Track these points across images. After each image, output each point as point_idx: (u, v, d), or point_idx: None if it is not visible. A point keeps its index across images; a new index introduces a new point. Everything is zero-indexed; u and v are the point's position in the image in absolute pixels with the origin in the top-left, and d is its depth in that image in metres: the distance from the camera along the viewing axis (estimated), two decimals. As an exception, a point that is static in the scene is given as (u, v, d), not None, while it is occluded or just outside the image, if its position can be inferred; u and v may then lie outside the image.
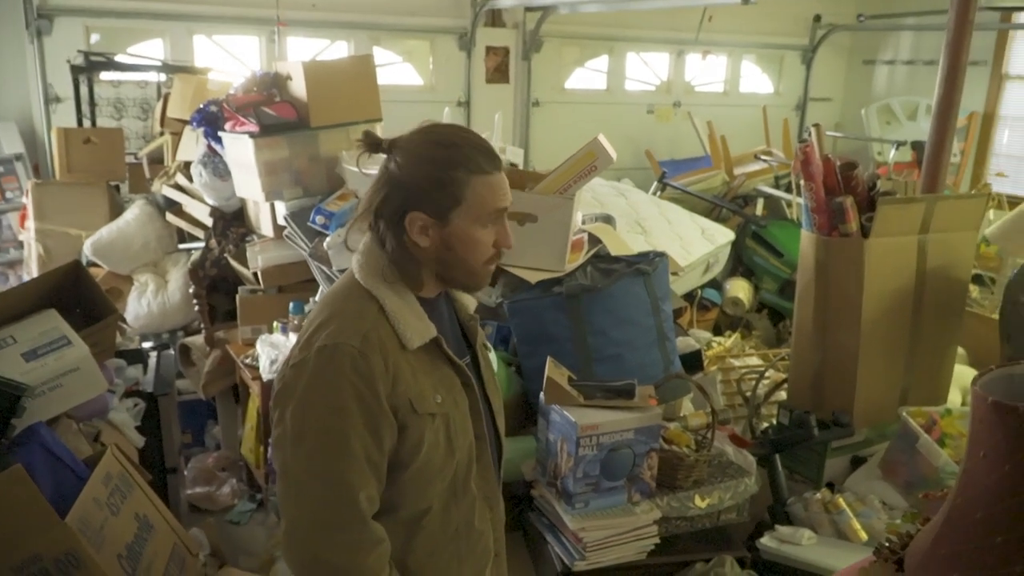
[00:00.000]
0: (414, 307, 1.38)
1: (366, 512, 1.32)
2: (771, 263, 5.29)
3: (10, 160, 4.98)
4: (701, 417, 2.68)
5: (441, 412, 1.40)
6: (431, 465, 1.39)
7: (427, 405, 1.37)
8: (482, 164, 1.37)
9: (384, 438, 1.33)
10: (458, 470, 1.45)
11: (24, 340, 1.93)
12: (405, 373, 1.34)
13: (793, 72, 8.14)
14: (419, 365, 1.37)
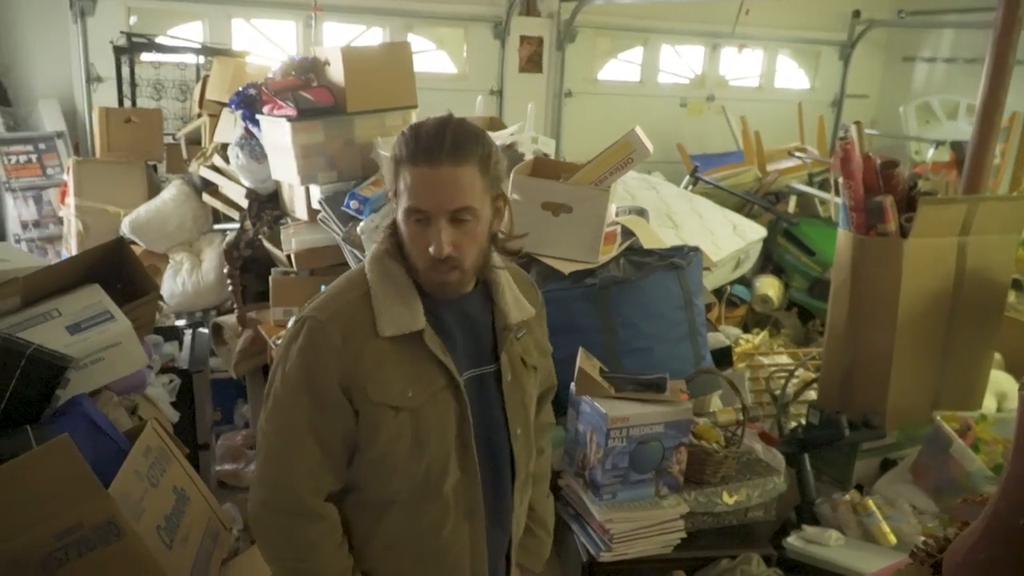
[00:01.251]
0: (405, 295, 1.33)
1: (303, 484, 1.34)
2: (802, 261, 5.25)
3: (51, 137, 5.07)
4: (730, 413, 2.68)
5: (409, 407, 1.34)
6: (392, 457, 1.36)
7: (388, 396, 1.33)
8: (414, 152, 1.28)
9: (333, 416, 1.33)
10: (429, 473, 1.38)
11: (68, 313, 1.97)
12: (368, 359, 1.32)
13: (830, 68, 8.05)
14: (392, 354, 1.33)
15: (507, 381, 1.45)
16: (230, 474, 3.67)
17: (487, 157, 1.32)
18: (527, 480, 1.54)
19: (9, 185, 4.94)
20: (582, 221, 2.56)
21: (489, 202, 1.35)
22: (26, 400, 1.67)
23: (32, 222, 4.97)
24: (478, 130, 1.35)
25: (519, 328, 1.48)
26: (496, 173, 1.35)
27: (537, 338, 1.56)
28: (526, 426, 1.50)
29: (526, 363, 1.50)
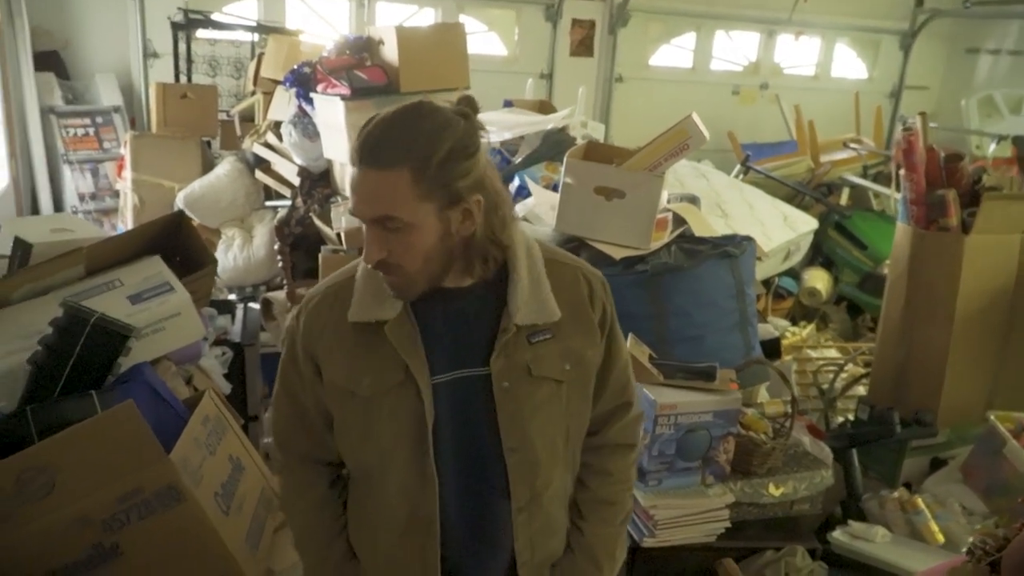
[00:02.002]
0: (382, 286, 1.29)
1: (284, 440, 1.42)
2: (853, 255, 5.15)
3: (109, 112, 5.17)
4: (778, 405, 2.65)
5: (361, 395, 1.32)
6: (345, 439, 1.37)
7: (339, 379, 1.33)
8: (351, 150, 1.22)
9: (306, 384, 1.37)
10: (378, 469, 1.36)
11: (130, 284, 2.02)
12: (329, 340, 1.32)
13: (889, 58, 7.85)
14: (358, 340, 1.31)
15: (501, 388, 1.32)
16: (276, 447, 3.74)
17: (428, 159, 1.19)
18: (533, 502, 1.37)
19: (67, 157, 5.05)
20: (635, 207, 2.54)
21: (433, 210, 1.22)
22: (90, 366, 1.72)
23: (89, 194, 5.09)
24: (428, 125, 1.21)
25: (536, 332, 1.33)
26: (446, 178, 1.21)
27: (572, 347, 1.36)
28: (527, 441, 1.34)
29: (532, 372, 1.33)
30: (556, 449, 1.39)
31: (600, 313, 1.39)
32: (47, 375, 1.69)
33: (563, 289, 1.36)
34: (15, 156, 4.63)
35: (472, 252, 1.29)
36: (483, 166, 1.26)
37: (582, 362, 1.38)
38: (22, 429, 1.50)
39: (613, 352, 1.44)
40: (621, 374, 1.46)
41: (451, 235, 1.25)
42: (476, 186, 1.24)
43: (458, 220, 1.25)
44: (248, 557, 1.63)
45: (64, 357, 1.70)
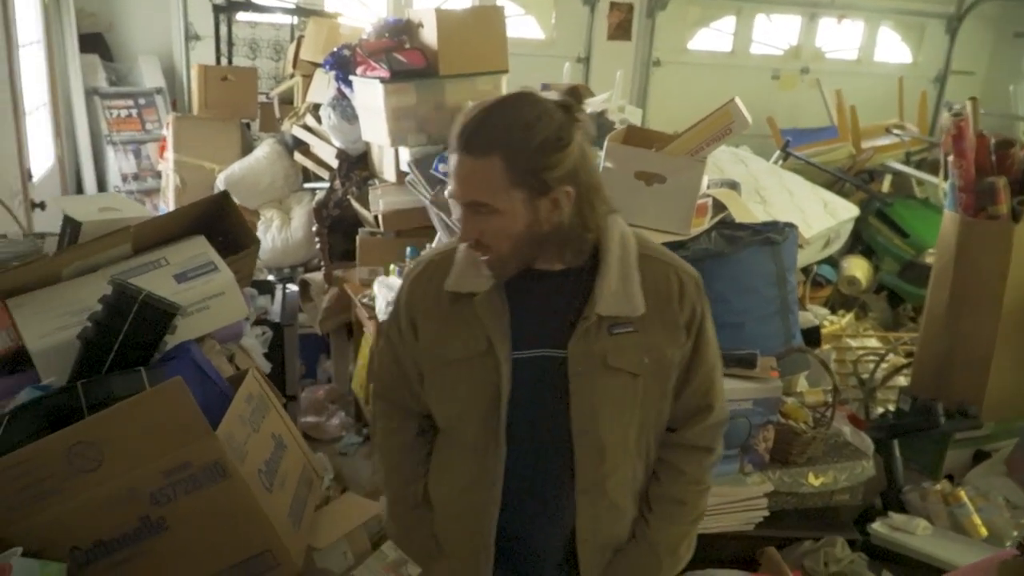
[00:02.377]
0: (478, 260, 1.36)
1: (386, 399, 1.54)
2: (894, 243, 5.07)
3: (151, 93, 5.23)
4: (818, 394, 2.63)
5: (448, 359, 1.41)
6: (432, 395, 1.47)
7: (432, 342, 1.42)
8: (452, 136, 1.28)
9: (404, 339, 1.47)
10: (456, 426, 1.45)
11: (175, 263, 2.04)
12: (429, 305, 1.42)
13: (934, 42, 7.67)
14: (452, 309, 1.39)
15: (576, 373, 1.37)
16: (312, 426, 3.77)
17: (520, 150, 1.25)
18: (598, 485, 1.41)
19: (111, 138, 5.13)
20: (675, 192, 2.52)
21: (522, 199, 1.28)
22: (138, 343, 1.75)
23: (131, 175, 5.16)
24: (524, 117, 1.26)
25: (618, 323, 1.36)
26: (537, 168, 1.26)
27: (653, 343, 1.38)
28: (596, 427, 1.38)
29: (607, 362, 1.36)
30: (626, 438, 1.42)
31: (688, 314, 1.40)
32: (96, 351, 1.72)
33: (653, 285, 1.38)
34: (60, 136, 4.70)
35: (563, 239, 1.34)
36: (576, 158, 1.29)
37: (661, 359, 1.40)
38: (73, 403, 1.53)
39: (700, 354, 1.44)
40: (705, 377, 1.46)
41: (540, 223, 1.30)
42: (566, 177, 1.28)
43: (547, 209, 1.29)
44: (290, 533, 1.65)
45: (113, 334, 1.72)
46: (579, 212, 1.32)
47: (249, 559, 1.58)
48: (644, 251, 1.40)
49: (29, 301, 1.90)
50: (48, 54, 4.53)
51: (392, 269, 3.49)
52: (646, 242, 1.44)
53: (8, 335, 1.81)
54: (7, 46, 3.60)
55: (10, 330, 1.81)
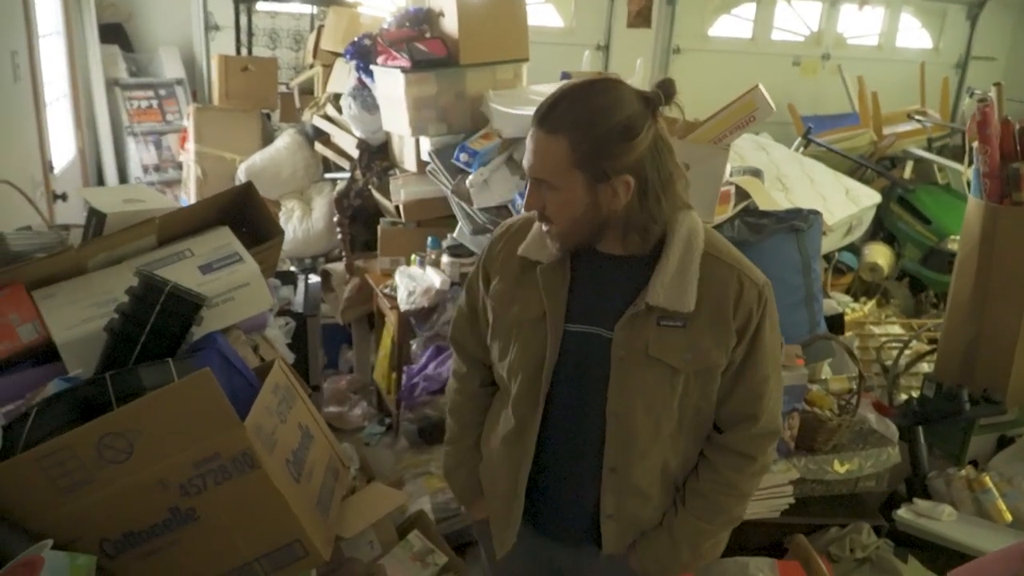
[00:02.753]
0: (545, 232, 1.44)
1: (459, 347, 1.68)
2: (916, 230, 5.02)
3: (172, 84, 5.26)
4: (843, 382, 2.61)
5: (508, 320, 1.50)
6: (492, 350, 1.57)
7: (497, 300, 1.52)
8: (533, 114, 1.35)
9: (480, 297, 1.58)
10: (505, 379, 1.55)
11: (200, 254, 2.05)
12: (503, 265, 1.52)
13: (956, 28, 7.58)
14: (520, 273, 1.48)
15: (618, 356, 1.40)
16: (335, 416, 3.80)
17: (587, 134, 1.28)
18: (624, 467, 1.45)
19: (131, 130, 5.16)
20: (699, 180, 2.49)
21: (582, 182, 1.31)
22: (165, 334, 1.76)
23: (152, 166, 5.19)
24: (597, 104, 1.30)
25: (666, 316, 1.37)
26: (599, 154, 1.29)
27: (699, 342, 1.38)
28: (630, 411, 1.42)
29: (649, 351, 1.38)
30: (659, 429, 1.45)
31: (743, 319, 1.40)
32: (124, 342, 1.73)
33: (711, 286, 1.38)
34: (81, 128, 4.74)
35: (625, 226, 1.38)
36: (644, 151, 1.31)
37: (705, 360, 1.41)
38: (101, 395, 1.54)
39: (752, 361, 1.44)
40: (755, 387, 1.46)
41: (598, 208, 1.34)
42: (628, 168, 1.31)
43: (607, 196, 1.33)
44: (319, 523, 1.66)
45: (140, 325, 1.73)
46: (643, 203, 1.34)
47: (278, 549, 1.59)
48: (711, 251, 1.40)
49: (55, 293, 1.91)
50: (68, 45, 4.55)
51: (413, 259, 3.50)
52: (717, 243, 1.44)
53: (34, 327, 1.82)
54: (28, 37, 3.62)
55: (36, 322, 1.82)
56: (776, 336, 1.47)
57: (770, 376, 1.46)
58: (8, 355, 1.83)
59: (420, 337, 3.35)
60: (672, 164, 1.37)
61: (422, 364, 3.26)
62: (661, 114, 1.35)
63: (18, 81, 3.52)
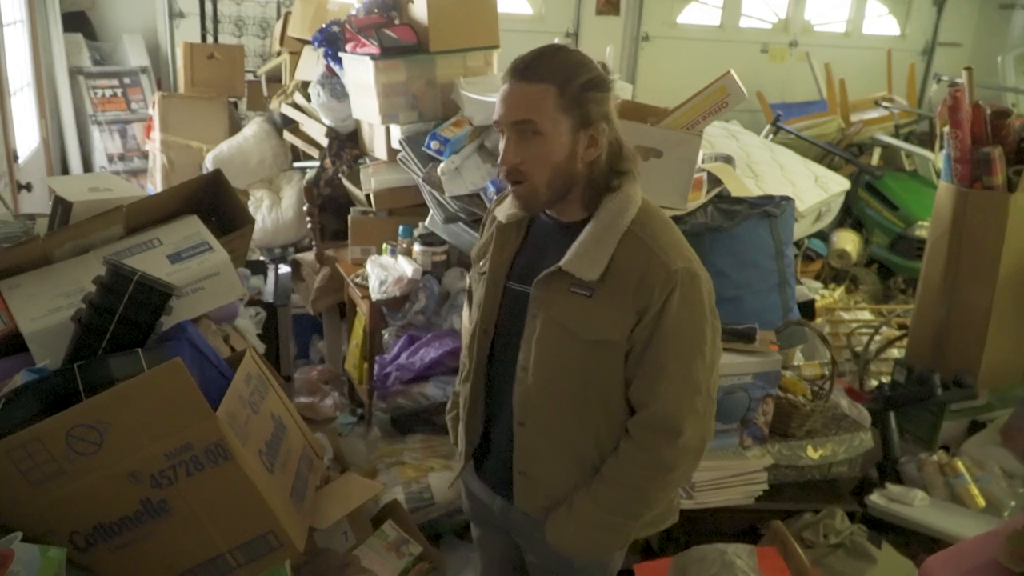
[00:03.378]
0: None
1: (468, 293, 1.72)
2: (884, 216, 5.08)
3: (136, 72, 5.15)
4: (815, 367, 2.63)
5: (475, 274, 1.63)
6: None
7: (473, 258, 1.66)
8: (505, 73, 1.41)
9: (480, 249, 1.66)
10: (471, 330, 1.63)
11: (169, 243, 2.01)
12: (487, 227, 1.64)
13: (922, 14, 7.65)
14: (494, 231, 1.58)
15: (530, 314, 1.48)
16: (307, 407, 3.76)
17: (570, 81, 1.37)
18: (529, 423, 1.51)
19: (96, 118, 5.05)
20: (672, 166, 2.50)
21: (568, 127, 1.38)
22: (134, 325, 1.72)
23: (118, 155, 5.09)
24: (573, 59, 1.40)
25: (576, 283, 1.42)
26: (582, 100, 1.37)
27: (598, 315, 1.42)
28: (529, 368, 1.48)
29: (550, 311, 1.45)
30: (558, 391, 1.49)
31: (644, 300, 1.39)
32: (92, 333, 1.69)
33: (621, 261, 1.40)
34: (45, 117, 4.63)
35: (588, 185, 1.43)
36: (609, 108, 1.41)
37: (601, 332, 1.43)
38: (70, 386, 1.51)
39: (652, 348, 1.42)
40: (651, 372, 1.43)
41: (576, 158, 1.40)
42: (605, 117, 1.40)
43: (584, 144, 1.40)
44: (293, 514, 1.64)
45: (108, 315, 1.69)
46: (610, 158, 1.42)
47: (252, 540, 1.57)
48: (635, 228, 1.41)
49: (21, 283, 1.86)
50: (31, 34, 4.44)
51: (385, 248, 3.46)
52: (646, 222, 1.43)
53: (1, 318, 1.78)
54: (-11, 26, 3.53)
55: (2, 313, 1.78)
56: (691, 329, 1.42)
57: (668, 365, 1.42)
58: (-28, 348, 1.78)
59: (392, 326, 3.32)
60: (623, 135, 1.46)
61: (394, 354, 3.23)
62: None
63: (-23, 69, 3.43)
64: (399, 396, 3.19)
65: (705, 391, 1.45)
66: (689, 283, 1.39)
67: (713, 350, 1.46)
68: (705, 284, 1.44)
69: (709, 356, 1.44)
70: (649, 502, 1.50)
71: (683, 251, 1.43)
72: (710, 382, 1.46)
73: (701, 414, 1.45)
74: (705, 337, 1.43)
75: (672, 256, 1.40)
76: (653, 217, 1.46)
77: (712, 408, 1.48)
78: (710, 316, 1.44)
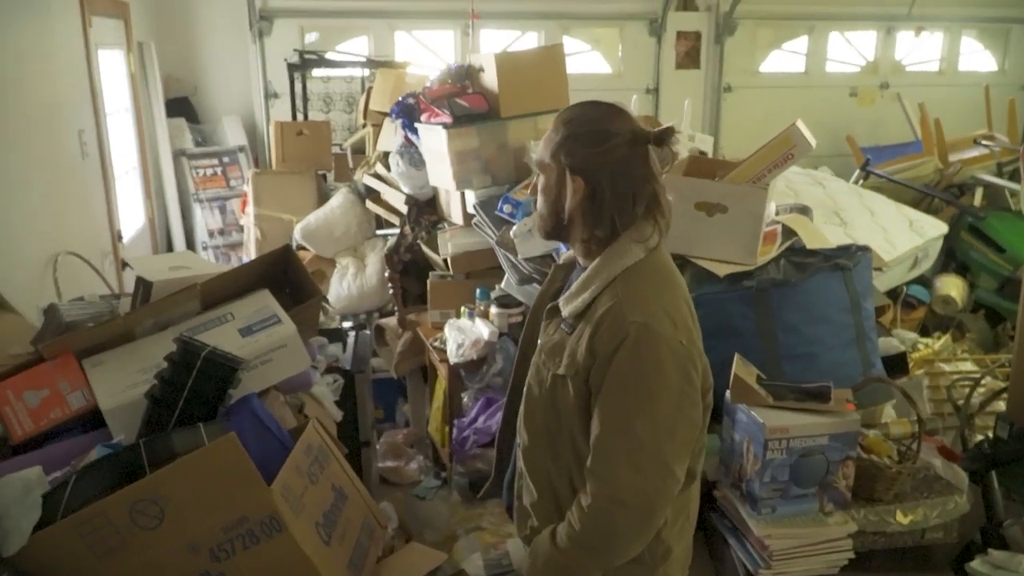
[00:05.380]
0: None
1: None
2: (990, 259, 4.81)
3: (235, 151, 5.47)
4: (905, 425, 2.49)
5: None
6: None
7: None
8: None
9: None
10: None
11: (241, 317, 2.10)
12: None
13: (1021, 47, 7.34)
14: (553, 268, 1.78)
15: (540, 344, 1.64)
16: (392, 471, 3.81)
17: (567, 129, 1.50)
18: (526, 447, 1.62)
19: (197, 196, 5.38)
20: (738, 221, 2.45)
21: (555, 172, 1.51)
22: (202, 398, 1.80)
23: (218, 230, 5.39)
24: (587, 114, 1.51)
25: (564, 321, 1.55)
26: (568, 148, 1.48)
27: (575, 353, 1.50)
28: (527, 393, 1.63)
29: (543, 346, 1.60)
30: (535, 417, 1.59)
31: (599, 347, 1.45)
32: (163, 408, 1.77)
33: (599, 306, 1.49)
34: (151, 197, 4.96)
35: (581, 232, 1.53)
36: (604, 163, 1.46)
37: (565, 368, 1.52)
38: (136, 461, 1.58)
39: (600, 398, 1.47)
40: (595, 424, 1.47)
41: (561, 201, 1.51)
42: (583, 171, 1.47)
43: (567, 194, 1.49)
44: (351, 584, 1.65)
45: (178, 390, 1.78)
46: (592, 211, 1.48)
47: (310, 611, 1.59)
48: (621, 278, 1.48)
49: (104, 360, 1.98)
50: (137, 120, 4.80)
51: (463, 311, 3.51)
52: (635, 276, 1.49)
53: (83, 394, 1.89)
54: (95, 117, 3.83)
55: (85, 390, 1.89)
56: (637, 382, 1.43)
57: (607, 414, 1.45)
58: (59, 422, 1.89)
59: (471, 389, 3.34)
60: (641, 195, 1.49)
61: (472, 416, 3.24)
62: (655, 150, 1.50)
63: (86, 157, 3.71)
64: (477, 460, 3.19)
65: (652, 452, 1.43)
66: (645, 338, 1.42)
67: (674, 416, 1.44)
68: (669, 345, 1.43)
69: (665, 419, 1.43)
70: (592, 549, 1.49)
71: (650, 307, 1.45)
72: (662, 446, 1.43)
73: (642, 472, 1.43)
74: (657, 396, 1.43)
75: (633, 309, 1.44)
76: (644, 272, 1.50)
77: (664, 473, 1.44)
78: (675, 379, 1.43)
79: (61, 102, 3.50)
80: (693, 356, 1.48)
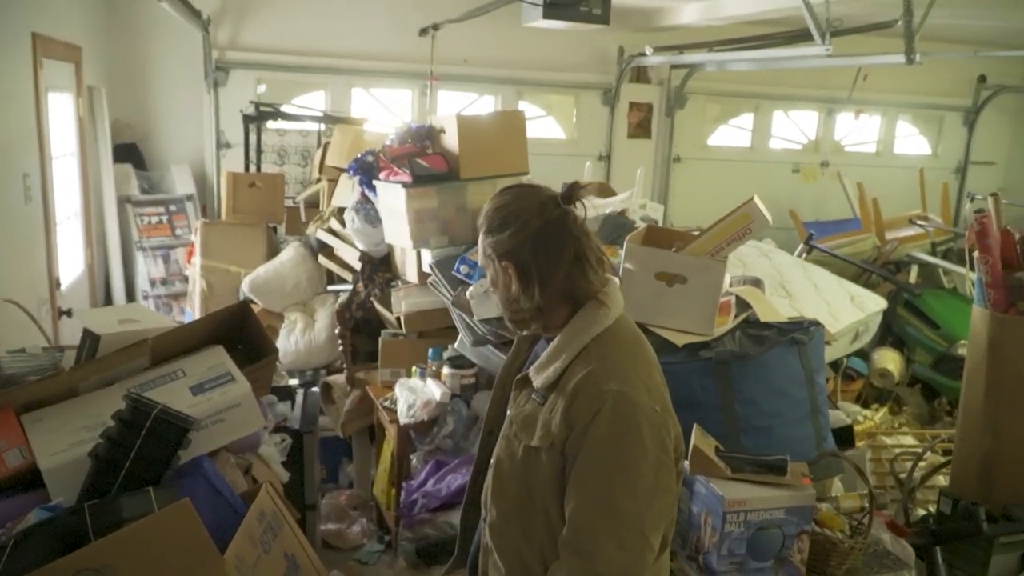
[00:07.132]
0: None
1: None
2: (925, 335, 4.97)
3: (182, 200, 5.38)
4: (855, 499, 2.52)
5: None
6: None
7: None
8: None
9: None
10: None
11: (192, 374, 2.03)
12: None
13: (953, 133, 7.74)
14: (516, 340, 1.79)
15: (507, 415, 1.62)
16: (334, 534, 3.69)
17: (483, 225, 1.56)
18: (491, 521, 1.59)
19: (141, 244, 5.25)
20: (697, 292, 2.49)
21: (492, 263, 1.56)
22: (150, 460, 1.72)
23: (160, 279, 5.26)
24: (494, 203, 1.57)
25: (535, 391, 1.54)
26: (489, 238, 1.54)
27: (549, 423, 1.48)
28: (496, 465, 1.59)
29: (511, 416, 1.58)
30: (506, 491, 1.55)
31: (575, 416, 1.44)
32: (108, 469, 1.69)
33: (572, 375, 1.48)
34: (92, 244, 4.81)
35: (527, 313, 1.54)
36: (520, 241, 1.49)
37: (539, 439, 1.49)
38: (79, 526, 1.50)
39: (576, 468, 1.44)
40: (572, 495, 1.45)
41: (507, 289, 1.55)
42: (505, 254, 1.52)
43: (503, 279, 1.55)
44: (301, 660, 1.58)
45: (125, 450, 1.70)
46: (527, 289, 1.50)
47: None
48: (592, 346, 1.49)
49: (45, 416, 1.89)
50: (82, 165, 4.68)
51: (414, 370, 3.46)
52: (607, 343, 1.50)
53: (21, 452, 1.79)
54: (41, 161, 3.72)
55: (23, 447, 1.79)
56: (616, 452, 1.42)
57: (586, 484, 1.43)
58: (-7, 482, 1.79)
59: (420, 451, 3.28)
60: (563, 256, 1.50)
61: (421, 479, 3.18)
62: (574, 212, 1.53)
63: (29, 202, 3.60)
64: (425, 525, 3.12)
65: (632, 525, 1.41)
66: (623, 407, 1.42)
67: (652, 486, 1.43)
68: (646, 413, 1.43)
69: (643, 490, 1.42)
70: None
71: (626, 375, 1.46)
72: (642, 518, 1.42)
73: (623, 546, 1.40)
74: (636, 466, 1.42)
75: (609, 377, 1.44)
76: (615, 339, 1.52)
77: (643, 547, 1.43)
78: (652, 448, 1.43)
79: (7, 144, 3.40)
80: (668, 424, 1.48)
